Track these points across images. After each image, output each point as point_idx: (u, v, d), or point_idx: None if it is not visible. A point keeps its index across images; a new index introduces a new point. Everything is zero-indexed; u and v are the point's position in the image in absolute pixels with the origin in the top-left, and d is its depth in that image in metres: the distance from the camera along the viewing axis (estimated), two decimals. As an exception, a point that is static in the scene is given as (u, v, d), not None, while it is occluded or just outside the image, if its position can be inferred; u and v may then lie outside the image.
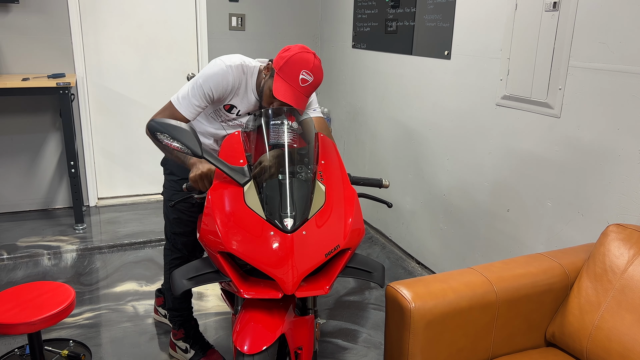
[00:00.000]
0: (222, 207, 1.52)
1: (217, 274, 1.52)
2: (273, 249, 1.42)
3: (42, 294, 2.06)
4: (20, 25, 3.66)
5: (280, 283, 1.39)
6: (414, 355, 1.56)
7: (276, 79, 1.80)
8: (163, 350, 2.44)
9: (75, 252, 3.37)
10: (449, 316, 1.58)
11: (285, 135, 1.75)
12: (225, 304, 2.81)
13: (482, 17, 2.60)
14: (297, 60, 1.79)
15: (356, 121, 4.02)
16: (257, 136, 1.80)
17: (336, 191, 1.62)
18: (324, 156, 1.75)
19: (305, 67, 1.78)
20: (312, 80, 1.80)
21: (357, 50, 3.90)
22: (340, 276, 1.53)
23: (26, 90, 3.35)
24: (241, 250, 1.42)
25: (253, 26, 4.34)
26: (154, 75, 4.19)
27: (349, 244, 1.51)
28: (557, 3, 2.15)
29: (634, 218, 1.91)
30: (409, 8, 3.20)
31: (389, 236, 3.65)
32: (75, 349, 2.40)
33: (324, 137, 1.88)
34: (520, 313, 1.71)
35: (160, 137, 1.54)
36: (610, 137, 1.98)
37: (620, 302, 1.55)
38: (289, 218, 1.48)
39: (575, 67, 2.10)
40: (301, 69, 1.78)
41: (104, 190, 4.26)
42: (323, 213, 1.54)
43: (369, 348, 2.49)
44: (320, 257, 1.45)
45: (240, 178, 1.58)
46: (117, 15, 3.96)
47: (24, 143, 3.87)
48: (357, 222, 1.58)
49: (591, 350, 1.58)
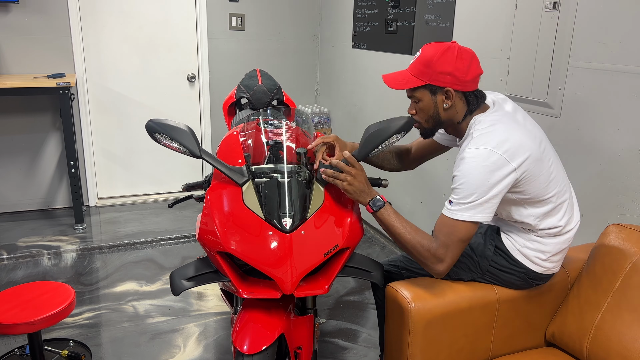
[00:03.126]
0: (220, 207, 1.52)
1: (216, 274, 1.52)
2: (272, 249, 1.42)
3: (42, 294, 2.06)
4: (20, 25, 3.66)
5: (279, 283, 1.39)
6: (414, 355, 1.56)
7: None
8: (163, 350, 2.44)
9: (75, 252, 3.37)
10: (449, 316, 1.58)
11: (283, 135, 1.75)
12: (224, 304, 2.82)
13: (482, 17, 2.60)
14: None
15: (356, 121, 4.02)
16: (255, 136, 1.80)
17: (335, 191, 1.62)
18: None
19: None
20: (418, 55, 1.57)
21: (357, 50, 3.90)
22: (339, 276, 1.53)
23: (26, 90, 3.35)
24: (240, 250, 1.42)
25: (253, 26, 4.34)
26: (154, 75, 4.19)
27: (347, 244, 1.51)
28: (557, 3, 2.15)
29: (634, 218, 1.91)
30: (409, 8, 3.20)
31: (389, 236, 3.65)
32: (75, 349, 2.40)
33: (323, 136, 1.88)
34: (520, 313, 1.71)
35: (158, 137, 1.55)
36: (610, 137, 1.98)
37: (620, 302, 1.55)
38: (288, 218, 1.48)
39: (575, 67, 2.10)
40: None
41: (104, 190, 4.26)
42: (322, 213, 1.53)
43: (369, 348, 2.49)
44: (319, 256, 1.45)
45: (239, 178, 1.58)
46: (117, 16, 3.96)
47: (24, 143, 3.87)
48: (356, 221, 1.58)
49: (591, 350, 1.58)
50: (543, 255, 1.60)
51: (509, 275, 1.64)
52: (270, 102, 2.82)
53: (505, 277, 1.65)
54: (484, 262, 1.64)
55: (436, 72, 1.52)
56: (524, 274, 1.63)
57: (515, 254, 1.62)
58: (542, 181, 1.51)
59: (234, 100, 2.85)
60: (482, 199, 1.43)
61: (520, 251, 1.61)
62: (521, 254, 1.61)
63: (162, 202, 4.31)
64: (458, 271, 1.67)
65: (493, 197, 1.44)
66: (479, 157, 1.44)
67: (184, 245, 3.60)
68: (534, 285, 1.67)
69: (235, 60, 4.35)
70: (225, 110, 2.92)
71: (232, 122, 2.80)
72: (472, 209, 1.44)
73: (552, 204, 1.56)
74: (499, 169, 1.43)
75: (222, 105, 3.01)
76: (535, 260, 1.61)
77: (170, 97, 4.27)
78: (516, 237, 1.63)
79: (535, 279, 1.65)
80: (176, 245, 3.60)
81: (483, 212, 1.45)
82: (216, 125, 4.42)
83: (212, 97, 4.35)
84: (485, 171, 1.43)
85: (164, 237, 3.62)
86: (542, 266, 1.62)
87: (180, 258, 3.40)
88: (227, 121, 2.93)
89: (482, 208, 1.44)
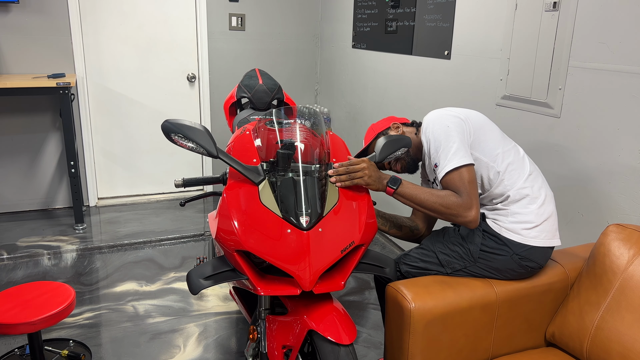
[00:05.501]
0: (238, 206, 1.53)
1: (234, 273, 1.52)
2: (290, 246, 1.44)
3: (42, 294, 2.06)
4: (20, 25, 3.66)
5: (299, 280, 1.41)
6: (414, 355, 1.56)
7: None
8: (163, 350, 2.44)
9: (75, 252, 3.37)
10: (449, 316, 1.58)
11: (297, 134, 1.76)
12: (224, 304, 2.82)
13: (482, 17, 2.60)
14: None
15: (356, 121, 4.02)
16: (268, 135, 1.81)
17: (349, 188, 1.64)
18: (335, 154, 1.78)
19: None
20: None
21: (357, 50, 3.90)
22: (354, 272, 1.54)
23: (26, 90, 3.35)
24: (259, 248, 1.43)
25: (253, 26, 4.34)
26: (154, 75, 4.19)
27: (363, 240, 1.53)
28: (557, 3, 2.15)
29: (634, 218, 1.91)
30: (409, 8, 3.20)
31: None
32: (75, 349, 2.40)
33: (334, 135, 1.90)
34: (520, 313, 1.71)
35: (174, 137, 1.55)
36: (610, 137, 1.98)
37: (620, 302, 1.55)
38: (305, 216, 1.49)
39: (575, 67, 2.10)
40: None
41: (104, 190, 4.26)
42: (337, 210, 1.56)
43: (369, 348, 2.49)
44: (336, 253, 1.46)
45: (255, 177, 1.59)
46: (117, 15, 3.96)
47: (24, 143, 3.87)
48: (370, 217, 1.59)
49: (591, 350, 1.58)
50: (528, 225, 1.69)
51: (500, 257, 1.69)
52: (271, 101, 2.82)
53: (497, 260, 1.69)
54: (474, 248, 1.71)
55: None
56: (514, 254, 1.68)
57: (502, 232, 1.71)
58: (492, 146, 1.74)
59: (235, 100, 2.85)
60: (457, 144, 1.67)
61: (507, 227, 1.70)
62: (507, 230, 1.70)
63: (162, 202, 4.31)
64: (450, 260, 1.75)
65: (462, 141, 1.68)
66: (433, 119, 1.75)
67: (184, 245, 3.60)
68: (527, 269, 1.69)
69: (235, 60, 4.35)
70: (226, 110, 2.92)
71: (233, 122, 2.81)
72: (457, 155, 1.65)
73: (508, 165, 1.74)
74: (451, 118, 1.73)
75: (223, 105, 3.02)
76: (522, 232, 1.69)
77: (170, 97, 4.27)
78: (500, 218, 1.73)
79: (526, 259, 1.68)
80: (176, 245, 3.60)
81: (466, 155, 1.66)
82: (216, 125, 4.42)
83: (212, 97, 4.35)
84: (442, 124, 1.72)
85: (164, 237, 3.62)
86: (529, 237, 1.69)
87: (180, 258, 3.40)
88: (228, 121, 2.93)
89: (464, 152, 1.66)
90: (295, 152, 1.67)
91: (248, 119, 2.58)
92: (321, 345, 1.45)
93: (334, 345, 1.44)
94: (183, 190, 4.50)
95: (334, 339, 1.43)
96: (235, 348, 2.47)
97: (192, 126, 1.56)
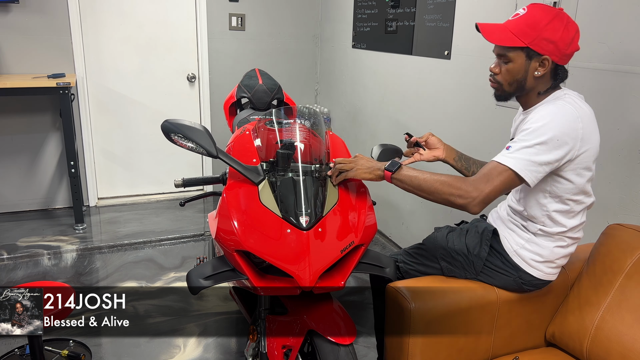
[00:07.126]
0: (238, 206, 1.54)
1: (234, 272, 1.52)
2: (290, 246, 1.44)
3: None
4: (20, 25, 3.65)
5: (298, 279, 1.41)
6: (414, 355, 1.56)
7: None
8: (163, 350, 2.44)
9: (75, 252, 3.37)
10: (449, 316, 1.58)
11: (297, 134, 1.76)
12: (224, 304, 2.81)
13: (482, 17, 2.60)
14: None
15: (356, 121, 4.02)
16: (268, 135, 1.81)
17: (349, 188, 1.64)
18: (335, 154, 1.78)
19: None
20: (523, 14, 1.51)
21: (357, 50, 3.90)
22: (354, 272, 1.54)
23: (26, 90, 3.35)
24: (258, 248, 1.44)
25: (253, 26, 4.34)
26: (154, 75, 4.18)
27: (363, 240, 1.53)
28: (557, 3, 2.15)
29: (634, 218, 1.91)
30: (409, 8, 3.20)
31: (389, 236, 3.65)
32: (75, 349, 2.40)
33: (334, 135, 1.90)
34: (520, 313, 1.71)
35: (174, 137, 1.55)
36: (610, 137, 1.97)
37: (620, 302, 1.55)
38: (305, 216, 1.49)
39: (575, 67, 2.10)
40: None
41: (104, 190, 4.26)
42: (337, 210, 1.56)
43: (369, 348, 2.49)
44: (335, 253, 1.46)
45: (255, 177, 1.59)
46: (117, 15, 3.96)
47: (24, 143, 3.87)
48: (370, 217, 1.59)
49: (591, 350, 1.58)
50: (539, 258, 1.61)
51: (503, 276, 1.65)
52: (271, 101, 2.82)
53: (498, 278, 1.66)
54: (478, 262, 1.65)
55: (540, 37, 1.45)
56: (517, 278, 1.63)
57: (512, 255, 1.63)
58: (581, 182, 1.52)
59: (235, 100, 2.85)
60: (541, 156, 1.39)
61: (517, 252, 1.62)
62: (517, 254, 1.62)
63: (162, 202, 4.31)
64: (452, 269, 1.69)
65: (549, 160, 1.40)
66: (567, 109, 1.44)
67: (184, 245, 3.60)
68: (527, 291, 1.67)
69: (235, 60, 4.35)
70: (226, 110, 2.92)
71: (233, 122, 2.81)
72: (526, 161, 1.39)
73: (572, 207, 1.57)
74: (574, 130, 1.42)
75: (223, 105, 3.02)
76: (531, 262, 1.61)
77: (170, 97, 4.27)
78: (515, 237, 1.64)
79: (528, 284, 1.64)
80: (176, 245, 3.60)
81: (532, 170, 1.40)
82: (216, 125, 4.41)
83: (212, 97, 4.35)
84: (569, 119, 1.42)
85: (164, 237, 3.62)
86: (537, 269, 1.62)
87: (180, 258, 3.40)
88: (228, 121, 2.93)
89: (535, 166, 1.39)
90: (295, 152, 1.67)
91: (248, 119, 2.58)
92: (321, 345, 1.45)
93: (334, 345, 1.44)
94: (183, 190, 4.50)
95: (334, 339, 1.43)
96: (235, 348, 2.47)
97: (192, 126, 1.56)
